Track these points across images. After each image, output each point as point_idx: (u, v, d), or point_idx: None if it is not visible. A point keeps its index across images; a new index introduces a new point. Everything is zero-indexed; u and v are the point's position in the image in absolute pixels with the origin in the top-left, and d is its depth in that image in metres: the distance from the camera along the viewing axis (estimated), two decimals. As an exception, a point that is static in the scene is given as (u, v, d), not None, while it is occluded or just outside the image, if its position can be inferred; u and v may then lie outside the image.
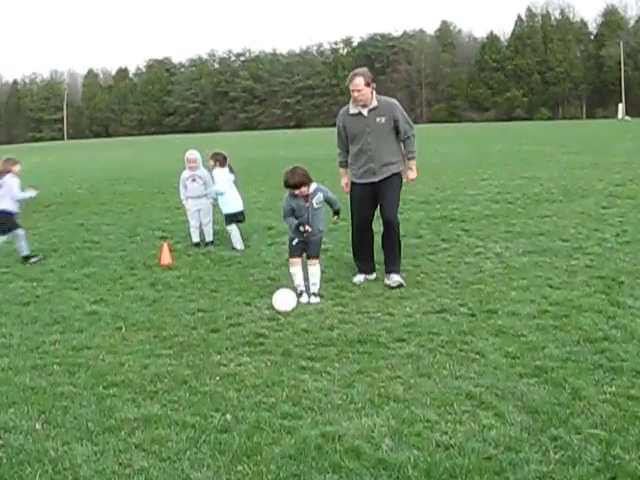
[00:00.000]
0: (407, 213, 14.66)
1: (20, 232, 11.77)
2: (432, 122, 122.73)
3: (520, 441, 4.80)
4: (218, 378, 6.20)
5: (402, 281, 9.12)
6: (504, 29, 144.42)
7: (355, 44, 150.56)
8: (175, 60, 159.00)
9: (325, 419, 5.27)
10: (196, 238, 12.62)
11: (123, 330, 7.77)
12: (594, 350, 6.52)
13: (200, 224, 12.61)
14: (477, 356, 6.51)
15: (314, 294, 8.71)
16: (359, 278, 9.50)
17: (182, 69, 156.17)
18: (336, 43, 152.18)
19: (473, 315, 7.80)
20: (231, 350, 6.94)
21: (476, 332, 7.17)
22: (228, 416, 5.38)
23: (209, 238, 12.55)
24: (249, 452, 4.78)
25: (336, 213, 9.25)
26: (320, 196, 8.80)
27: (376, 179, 9.25)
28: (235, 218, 12.31)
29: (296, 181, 8.58)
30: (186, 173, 12.64)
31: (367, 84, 9.16)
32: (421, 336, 7.05)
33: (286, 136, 74.78)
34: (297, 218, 8.70)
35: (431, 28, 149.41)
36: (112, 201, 19.53)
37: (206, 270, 10.71)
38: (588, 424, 5.01)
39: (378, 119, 9.17)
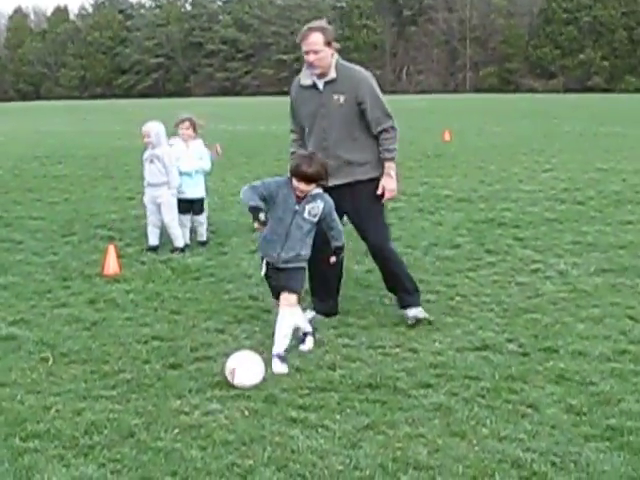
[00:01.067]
0: (440, 214, 14.70)
1: None
2: (478, 91, 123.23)
3: (584, 527, 4.81)
4: (177, 431, 6.17)
5: (423, 314, 8.84)
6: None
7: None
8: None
9: (321, 491, 5.26)
10: (153, 241, 12.67)
11: (50, 362, 7.74)
12: (689, 406, 6.53)
13: (162, 222, 12.64)
14: (529, 410, 6.49)
15: (277, 356, 7.60)
16: (309, 315, 8.80)
17: (142, 11, 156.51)
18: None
19: (526, 354, 7.80)
20: (196, 393, 6.91)
21: (529, 378, 7.15)
22: (189, 484, 5.37)
23: (179, 242, 12.59)
24: (217, 536, 4.79)
25: (336, 251, 8.06)
26: (319, 207, 7.76)
27: (330, 183, 7.97)
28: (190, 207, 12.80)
29: (312, 172, 7.59)
30: (146, 152, 12.67)
31: (327, 43, 8.32)
32: (454, 381, 7.04)
33: (278, 105, 74.74)
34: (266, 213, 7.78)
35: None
36: (42, 187, 19.55)
37: (165, 284, 10.72)
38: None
39: (336, 97, 8.38)
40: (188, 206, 12.84)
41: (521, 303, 9.52)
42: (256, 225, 7.82)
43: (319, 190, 7.84)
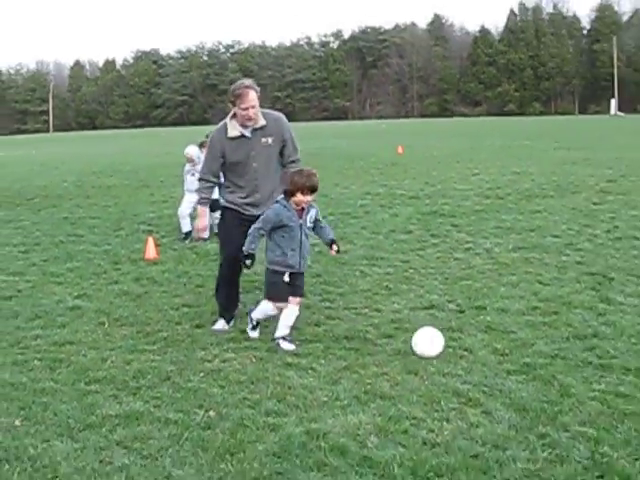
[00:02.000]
0: (396, 208, 14.70)
1: None
2: (423, 116, 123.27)
3: (507, 439, 4.79)
4: (202, 374, 6.17)
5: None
6: (496, 23, 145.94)
7: (346, 37, 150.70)
8: (163, 52, 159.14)
9: (310, 416, 5.25)
10: (186, 228, 12.68)
11: (106, 325, 7.73)
12: (583, 347, 6.54)
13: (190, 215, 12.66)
14: (465, 353, 6.51)
15: (284, 338, 6.95)
16: (220, 326, 7.59)
17: (170, 61, 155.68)
18: (326, 36, 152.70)
19: (462, 311, 7.81)
20: (216, 346, 6.91)
21: (464, 329, 7.18)
22: (211, 413, 5.35)
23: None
24: (232, 450, 4.75)
25: (332, 243, 7.27)
26: (312, 214, 7.09)
27: (259, 212, 7.23)
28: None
29: (318, 181, 6.96)
30: (187, 166, 12.83)
31: (258, 98, 7.32)
32: (409, 332, 6.99)
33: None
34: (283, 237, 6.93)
35: (423, 22, 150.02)
36: (97, 194, 19.46)
37: (192, 265, 10.69)
38: (576, 422, 5.01)
39: (264, 140, 7.30)
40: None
41: (458, 273, 9.52)
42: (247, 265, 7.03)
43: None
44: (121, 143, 56.64)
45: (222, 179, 7.76)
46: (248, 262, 6.99)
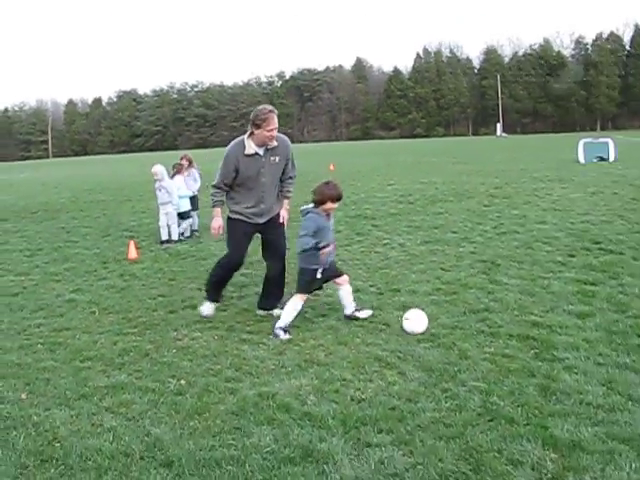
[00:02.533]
0: (329, 213, 14.70)
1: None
2: (350, 140, 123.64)
3: (418, 394, 4.83)
4: (175, 351, 6.09)
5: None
6: (406, 64, 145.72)
7: (287, 77, 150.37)
8: (141, 91, 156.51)
9: (261, 381, 5.22)
10: (164, 236, 12.43)
11: (96, 314, 7.59)
12: (477, 319, 6.60)
13: (168, 225, 12.47)
14: (384, 327, 6.52)
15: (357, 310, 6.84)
16: (211, 310, 7.27)
17: (146, 98, 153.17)
18: (272, 77, 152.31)
19: (381, 294, 7.81)
20: (185, 327, 6.83)
21: (383, 307, 7.18)
22: (182, 381, 5.29)
23: (174, 237, 12.46)
24: (199, 410, 4.71)
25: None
26: (332, 215, 6.90)
27: (263, 220, 7.02)
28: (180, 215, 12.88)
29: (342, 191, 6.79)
30: (156, 183, 12.59)
31: None
32: (339, 312, 7.00)
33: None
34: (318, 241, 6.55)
35: (348, 64, 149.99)
36: (89, 208, 19.08)
37: (165, 263, 10.54)
38: (472, 378, 5.07)
39: (273, 158, 6.87)
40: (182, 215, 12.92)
41: (378, 264, 9.55)
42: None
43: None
44: (108, 166, 55.72)
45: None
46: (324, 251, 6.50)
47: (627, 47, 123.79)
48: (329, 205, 6.62)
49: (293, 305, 6.58)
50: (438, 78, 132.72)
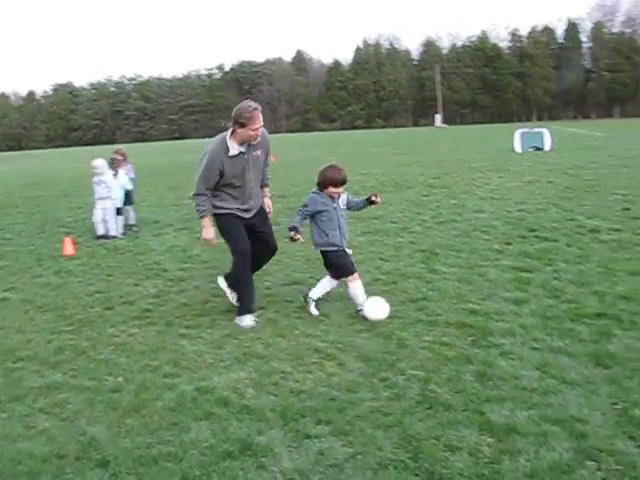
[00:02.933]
0: (269, 205, 14.64)
1: None
2: (290, 132, 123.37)
3: (357, 384, 4.83)
4: (112, 347, 5.96)
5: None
6: (346, 56, 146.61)
7: (227, 69, 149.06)
8: (77, 84, 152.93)
9: (199, 376, 5.15)
10: (100, 232, 12.16)
11: (31, 312, 7.37)
12: (415, 308, 6.64)
13: (104, 220, 12.19)
14: (324, 318, 6.50)
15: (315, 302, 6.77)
16: (249, 321, 6.48)
17: (84, 91, 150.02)
18: (211, 69, 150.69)
19: (321, 285, 7.79)
20: (123, 324, 6.69)
21: (322, 298, 7.15)
22: (119, 379, 5.18)
23: (113, 232, 12.15)
24: (137, 407, 4.62)
25: (369, 199, 7.05)
26: (344, 197, 6.85)
27: (250, 215, 6.78)
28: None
29: (346, 175, 6.69)
30: (95, 177, 12.30)
31: None
32: (278, 304, 6.99)
33: (169, 146, 73.39)
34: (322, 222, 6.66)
35: (288, 56, 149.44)
36: (24, 204, 18.62)
37: (103, 258, 10.32)
38: (410, 367, 5.08)
39: (255, 153, 6.62)
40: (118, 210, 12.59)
41: (317, 255, 9.49)
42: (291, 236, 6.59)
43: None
44: (44, 161, 54.47)
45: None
46: (292, 233, 6.53)
47: (560, 40, 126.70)
48: (331, 189, 6.61)
49: (325, 287, 6.75)
50: (378, 70, 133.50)
